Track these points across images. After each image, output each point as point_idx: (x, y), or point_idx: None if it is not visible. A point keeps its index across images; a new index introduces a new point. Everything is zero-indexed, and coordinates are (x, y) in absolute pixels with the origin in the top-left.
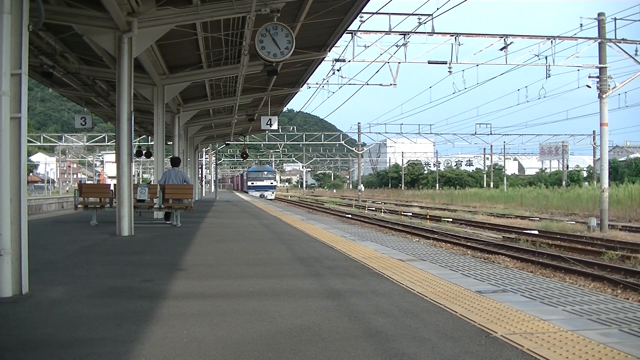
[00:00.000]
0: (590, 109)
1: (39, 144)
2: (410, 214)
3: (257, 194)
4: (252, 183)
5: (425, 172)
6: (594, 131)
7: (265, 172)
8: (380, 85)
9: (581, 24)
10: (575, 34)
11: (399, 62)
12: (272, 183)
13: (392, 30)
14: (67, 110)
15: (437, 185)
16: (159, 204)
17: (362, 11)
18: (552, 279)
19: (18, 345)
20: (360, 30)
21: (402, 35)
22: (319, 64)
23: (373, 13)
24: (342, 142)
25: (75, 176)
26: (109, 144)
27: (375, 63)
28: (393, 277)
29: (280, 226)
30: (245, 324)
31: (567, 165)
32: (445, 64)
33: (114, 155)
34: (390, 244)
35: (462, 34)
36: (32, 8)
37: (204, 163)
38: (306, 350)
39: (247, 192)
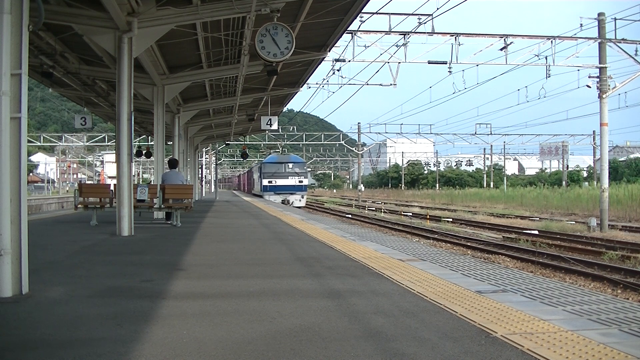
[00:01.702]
0: (590, 109)
1: (39, 144)
2: (410, 214)
3: (279, 198)
4: (270, 182)
5: (425, 172)
6: (594, 131)
7: (291, 165)
8: (380, 85)
9: (581, 24)
10: (575, 34)
11: (399, 62)
12: (300, 182)
13: (392, 30)
14: (67, 110)
15: (437, 185)
16: (159, 204)
17: (362, 11)
18: (552, 279)
19: (18, 345)
20: (360, 30)
21: (402, 35)
22: (319, 64)
23: (373, 13)
24: (342, 142)
25: (75, 176)
26: (109, 144)
27: (375, 63)
28: (393, 277)
29: (280, 226)
30: (246, 324)
31: (567, 165)
32: (445, 64)
33: (114, 155)
34: (390, 244)
35: (462, 34)
36: (32, 8)
37: (204, 163)
38: (306, 350)
39: (261, 196)
